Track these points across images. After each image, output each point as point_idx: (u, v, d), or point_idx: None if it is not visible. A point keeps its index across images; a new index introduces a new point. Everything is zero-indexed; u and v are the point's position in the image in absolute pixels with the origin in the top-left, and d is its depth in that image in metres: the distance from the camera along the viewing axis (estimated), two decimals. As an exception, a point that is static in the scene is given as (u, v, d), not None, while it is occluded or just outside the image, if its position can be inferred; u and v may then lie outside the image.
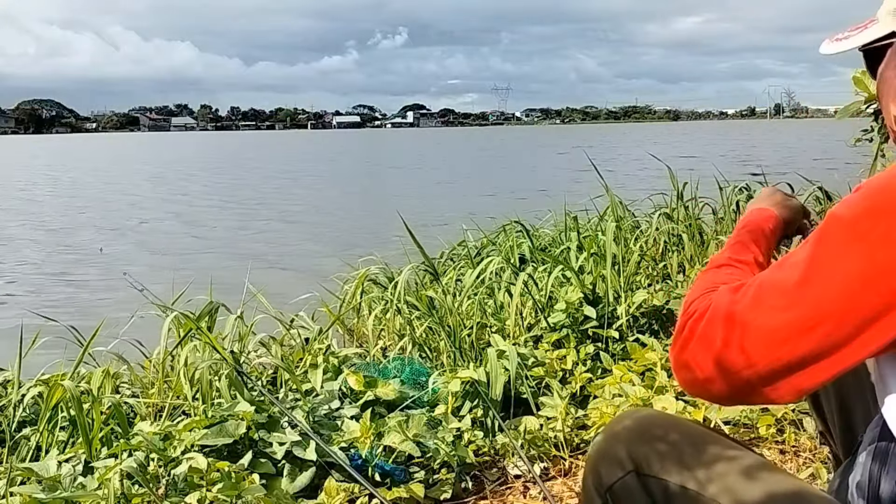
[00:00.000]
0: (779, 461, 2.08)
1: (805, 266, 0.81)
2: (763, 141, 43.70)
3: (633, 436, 1.08)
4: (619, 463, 1.07)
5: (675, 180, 5.08)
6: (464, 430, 2.27)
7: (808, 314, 0.79)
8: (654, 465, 1.03)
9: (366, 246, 5.88)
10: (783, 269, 0.84)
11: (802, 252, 0.83)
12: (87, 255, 10.53)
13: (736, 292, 0.87)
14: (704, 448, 1.01)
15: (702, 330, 0.88)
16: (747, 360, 0.83)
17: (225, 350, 2.40)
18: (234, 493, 1.77)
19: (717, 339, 0.85)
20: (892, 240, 0.76)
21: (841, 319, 0.78)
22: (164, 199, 19.07)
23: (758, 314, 0.83)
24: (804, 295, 0.80)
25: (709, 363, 0.86)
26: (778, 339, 0.81)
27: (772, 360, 0.82)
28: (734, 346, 0.84)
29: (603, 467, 1.09)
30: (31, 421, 2.43)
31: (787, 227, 1.24)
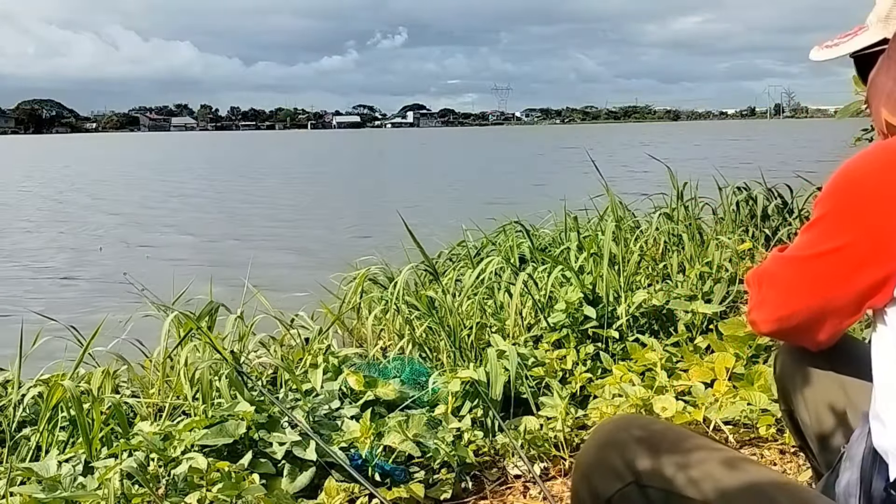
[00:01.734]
0: (778, 461, 2.08)
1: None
2: (765, 145, 43.71)
3: (630, 444, 1.07)
4: (617, 473, 1.05)
5: (675, 180, 5.09)
6: (464, 430, 2.27)
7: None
8: (656, 475, 1.02)
9: (365, 246, 5.88)
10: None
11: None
12: (87, 255, 10.53)
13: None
14: (701, 454, 1.02)
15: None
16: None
17: (225, 350, 2.40)
18: (234, 493, 1.77)
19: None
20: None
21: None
22: (164, 200, 19.06)
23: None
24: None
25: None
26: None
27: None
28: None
29: (598, 478, 1.08)
30: (31, 421, 2.43)
31: None
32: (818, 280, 1.00)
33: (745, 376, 2.46)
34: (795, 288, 1.04)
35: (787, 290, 1.06)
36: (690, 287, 3.42)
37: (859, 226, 0.92)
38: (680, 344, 2.80)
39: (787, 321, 1.08)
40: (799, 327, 1.08)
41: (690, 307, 2.92)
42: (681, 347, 2.75)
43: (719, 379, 2.38)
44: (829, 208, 0.97)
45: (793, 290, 1.05)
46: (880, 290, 0.93)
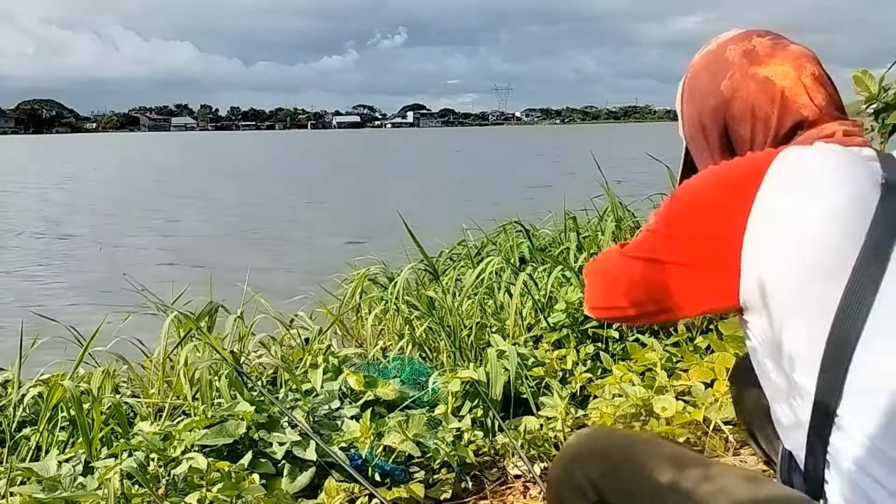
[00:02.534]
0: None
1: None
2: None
3: (592, 461, 1.07)
4: (582, 492, 1.05)
5: (675, 180, 5.07)
6: (464, 430, 2.28)
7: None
8: (617, 493, 1.02)
9: (365, 245, 5.88)
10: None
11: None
12: (87, 255, 10.53)
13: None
14: (664, 465, 1.00)
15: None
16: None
17: (225, 350, 2.40)
18: (234, 493, 1.77)
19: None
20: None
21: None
22: (164, 199, 19.06)
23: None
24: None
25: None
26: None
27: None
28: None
29: (566, 495, 1.08)
30: (31, 421, 2.43)
31: None
32: (651, 284, 1.01)
33: (745, 376, 2.47)
34: (629, 286, 1.05)
35: (621, 285, 1.07)
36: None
37: (695, 241, 0.95)
38: (680, 344, 2.80)
39: (621, 311, 1.09)
40: (633, 318, 1.08)
41: (690, 307, 2.91)
42: (681, 347, 2.75)
43: (719, 379, 2.38)
44: (669, 216, 0.99)
45: (627, 287, 1.06)
46: (716, 302, 0.96)
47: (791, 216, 0.87)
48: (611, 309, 1.11)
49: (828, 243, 0.85)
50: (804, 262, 0.85)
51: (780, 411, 0.93)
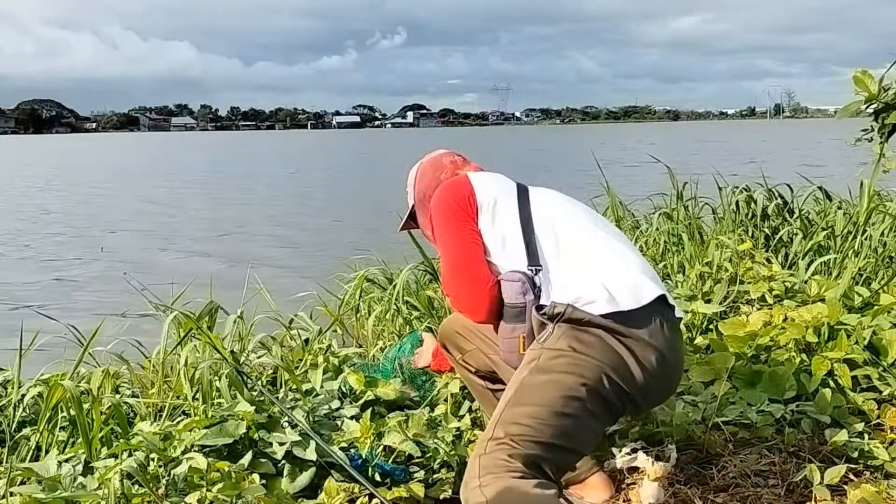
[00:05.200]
0: (777, 461, 2.08)
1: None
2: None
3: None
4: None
5: (675, 180, 5.08)
6: (463, 430, 2.28)
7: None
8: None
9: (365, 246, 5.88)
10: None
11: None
12: (87, 255, 10.53)
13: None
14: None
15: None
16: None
17: (225, 350, 2.39)
18: (234, 493, 1.77)
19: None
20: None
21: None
22: (165, 200, 19.06)
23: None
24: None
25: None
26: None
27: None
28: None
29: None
30: (31, 421, 2.42)
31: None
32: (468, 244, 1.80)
33: (745, 376, 2.47)
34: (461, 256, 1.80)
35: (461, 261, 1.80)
36: (690, 287, 3.42)
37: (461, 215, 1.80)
38: (680, 344, 2.79)
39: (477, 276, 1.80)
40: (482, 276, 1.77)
41: (690, 307, 2.92)
42: (681, 347, 2.75)
43: (719, 379, 2.38)
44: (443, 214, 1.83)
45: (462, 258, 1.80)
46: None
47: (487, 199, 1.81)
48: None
49: (506, 201, 1.80)
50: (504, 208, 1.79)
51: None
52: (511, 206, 1.77)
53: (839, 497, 1.86)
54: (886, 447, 2.04)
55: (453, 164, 2.04)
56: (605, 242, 1.73)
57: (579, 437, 1.54)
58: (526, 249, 1.70)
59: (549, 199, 1.84)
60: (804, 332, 2.56)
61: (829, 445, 2.08)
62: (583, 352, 1.55)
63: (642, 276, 1.65)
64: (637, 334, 1.57)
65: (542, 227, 1.73)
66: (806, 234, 4.07)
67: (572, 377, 1.53)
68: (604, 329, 1.56)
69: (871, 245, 3.64)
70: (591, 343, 1.56)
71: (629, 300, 1.59)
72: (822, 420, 2.20)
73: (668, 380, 1.67)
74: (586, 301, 1.58)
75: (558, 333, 1.59)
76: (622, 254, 1.71)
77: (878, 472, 1.99)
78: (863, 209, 3.87)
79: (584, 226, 1.76)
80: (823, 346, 2.54)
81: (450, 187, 1.86)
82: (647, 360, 1.57)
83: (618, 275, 1.63)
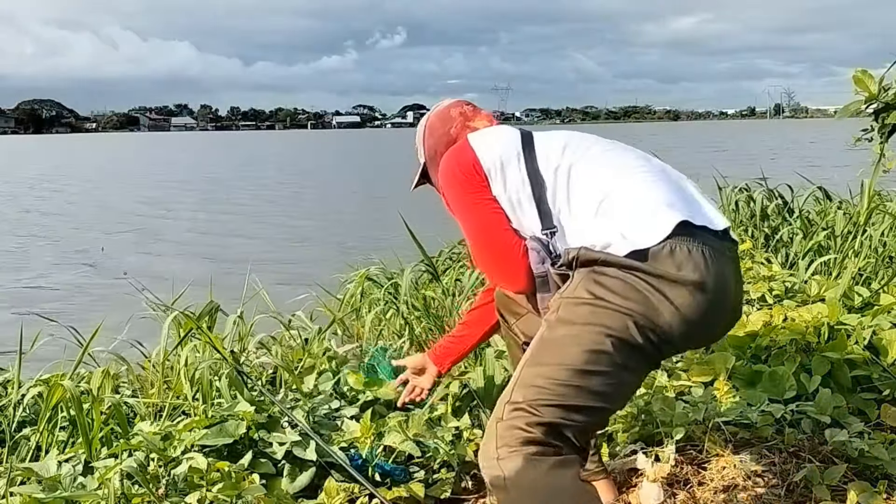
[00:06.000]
0: (777, 461, 2.08)
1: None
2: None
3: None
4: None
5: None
6: (463, 429, 2.28)
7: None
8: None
9: (366, 245, 5.88)
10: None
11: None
12: (87, 255, 10.54)
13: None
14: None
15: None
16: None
17: (225, 350, 2.40)
18: (234, 493, 1.77)
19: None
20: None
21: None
22: (165, 200, 19.07)
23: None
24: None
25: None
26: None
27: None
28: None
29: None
30: (31, 421, 2.42)
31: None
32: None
33: (744, 376, 2.47)
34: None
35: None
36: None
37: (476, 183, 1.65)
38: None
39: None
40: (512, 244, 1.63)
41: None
42: (681, 347, 2.75)
43: (719, 379, 2.38)
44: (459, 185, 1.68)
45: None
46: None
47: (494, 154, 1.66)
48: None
49: (511, 160, 1.62)
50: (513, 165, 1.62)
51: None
52: (518, 165, 1.60)
53: (839, 497, 1.86)
54: (886, 447, 2.04)
55: (463, 116, 1.87)
56: (623, 176, 1.52)
57: (609, 394, 1.38)
58: (538, 211, 1.56)
59: (558, 146, 1.62)
60: (804, 332, 2.56)
61: (829, 445, 2.08)
62: (604, 297, 1.37)
63: (662, 206, 1.43)
64: (662, 271, 1.36)
65: (551, 181, 1.56)
66: (806, 234, 4.07)
67: (595, 329, 1.35)
68: (624, 269, 1.37)
69: (871, 245, 3.64)
70: (612, 287, 1.37)
71: (646, 236, 1.38)
72: (822, 420, 2.20)
73: (715, 313, 1.42)
74: (602, 245, 1.41)
75: (577, 280, 1.43)
76: (641, 185, 1.49)
77: (878, 472, 1.99)
78: (863, 209, 3.87)
79: (598, 167, 1.55)
80: (823, 346, 2.54)
81: (453, 157, 1.71)
82: (681, 297, 1.35)
83: (635, 210, 1.44)
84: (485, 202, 1.63)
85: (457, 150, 1.71)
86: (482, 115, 1.90)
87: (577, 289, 1.41)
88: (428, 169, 1.90)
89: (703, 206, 1.50)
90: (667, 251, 1.37)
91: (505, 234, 1.61)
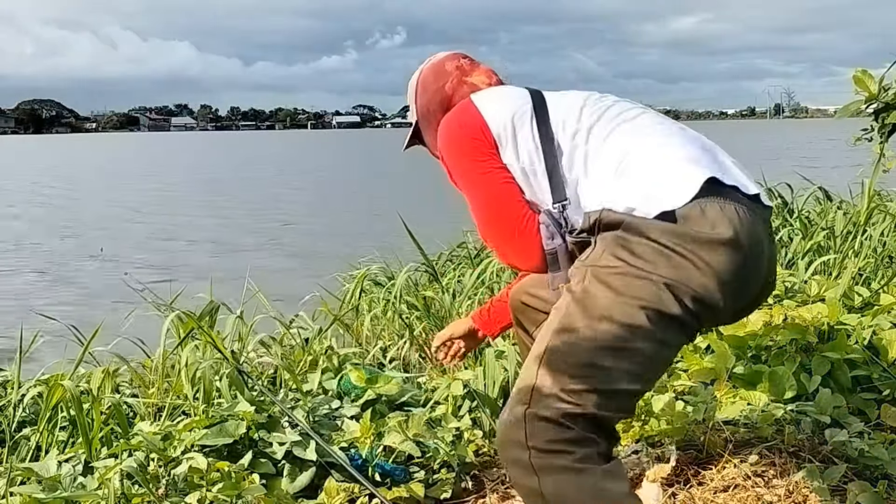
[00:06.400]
0: (777, 461, 2.08)
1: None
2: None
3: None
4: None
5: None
6: (463, 430, 2.28)
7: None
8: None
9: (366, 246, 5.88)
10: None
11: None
12: (87, 255, 10.54)
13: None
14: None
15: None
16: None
17: (225, 349, 2.40)
18: (234, 493, 1.77)
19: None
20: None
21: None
22: (165, 201, 19.07)
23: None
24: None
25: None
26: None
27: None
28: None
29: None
30: (31, 421, 2.42)
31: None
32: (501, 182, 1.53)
33: (745, 376, 2.47)
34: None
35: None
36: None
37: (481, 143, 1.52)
38: (680, 344, 2.79)
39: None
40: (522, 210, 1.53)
41: (690, 307, 2.91)
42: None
43: (719, 379, 2.38)
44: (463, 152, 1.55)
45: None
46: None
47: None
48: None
49: (524, 125, 1.49)
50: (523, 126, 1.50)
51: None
52: (530, 131, 1.46)
53: (839, 497, 1.86)
54: (886, 447, 2.04)
55: (459, 70, 1.72)
56: (644, 136, 1.41)
57: (644, 374, 1.27)
58: (549, 181, 1.44)
59: (573, 108, 1.49)
60: (804, 332, 2.56)
61: (829, 445, 2.08)
62: (635, 264, 1.24)
63: (688, 163, 1.32)
64: (694, 232, 1.24)
65: (567, 147, 1.44)
66: (806, 233, 4.07)
67: (628, 301, 1.22)
68: (651, 232, 1.25)
69: (871, 245, 3.65)
70: (641, 252, 1.24)
71: (675, 195, 1.27)
72: (822, 420, 2.20)
73: (750, 275, 1.31)
74: (625, 208, 1.29)
75: (602, 246, 1.29)
76: (664, 145, 1.39)
77: (878, 472, 1.99)
78: (863, 209, 3.87)
79: (618, 128, 1.44)
80: (823, 346, 2.54)
81: (456, 119, 1.55)
82: (717, 257, 1.24)
83: (660, 167, 1.33)
84: (494, 171, 1.48)
85: (460, 112, 1.56)
86: (481, 70, 1.74)
87: (603, 256, 1.28)
88: (421, 128, 1.77)
89: (732, 168, 1.38)
90: (698, 211, 1.25)
91: (518, 206, 1.48)
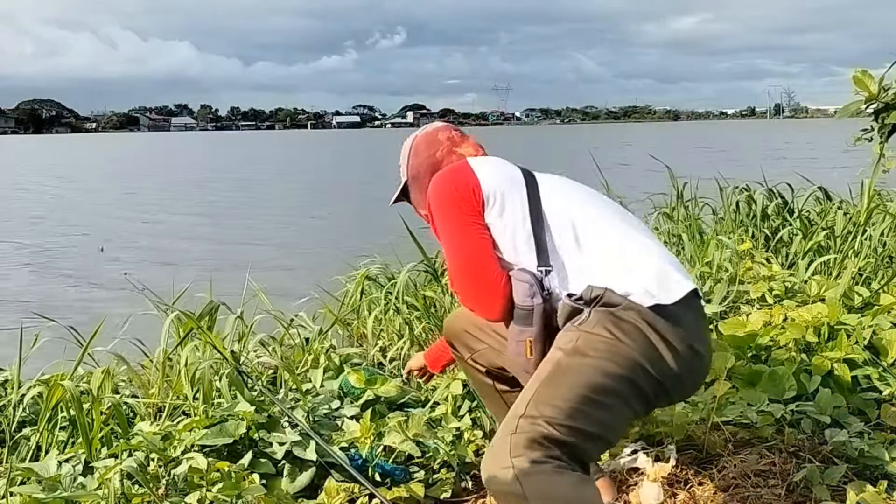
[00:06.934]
0: (777, 461, 2.08)
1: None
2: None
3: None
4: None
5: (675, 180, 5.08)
6: (463, 430, 2.28)
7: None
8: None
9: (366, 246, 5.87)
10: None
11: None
12: (87, 255, 10.53)
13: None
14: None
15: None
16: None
17: (225, 350, 2.39)
18: (234, 493, 1.77)
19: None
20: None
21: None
22: (165, 201, 19.06)
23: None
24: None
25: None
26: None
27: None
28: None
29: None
30: (31, 421, 2.42)
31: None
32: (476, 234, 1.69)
33: (745, 376, 2.46)
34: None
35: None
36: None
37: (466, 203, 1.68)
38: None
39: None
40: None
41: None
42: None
43: (719, 379, 2.38)
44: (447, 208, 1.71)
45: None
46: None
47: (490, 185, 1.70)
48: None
49: (513, 193, 1.68)
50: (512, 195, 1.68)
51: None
52: (520, 199, 1.66)
53: (839, 497, 1.86)
54: (886, 447, 2.04)
55: (450, 141, 1.92)
56: (629, 235, 1.64)
57: (614, 427, 1.49)
58: (536, 247, 1.62)
59: (560, 189, 1.73)
60: (804, 332, 2.56)
61: (829, 445, 2.08)
62: (621, 339, 1.48)
63: (672, 270, 1.58)
64: (673, 328, 1.50)
65: (556, 221, 1.64)
66: (806, 234, 4.07)
67: (612, 364, 1.46)
68: (641, 318, 1.49)
69: (871, 245, 3.64)
70: (628, 331, 1.49)
71: (664, 294, 1.52)
72: (822, 420, 2.20)
73: (700, 373, 1.62)
74: (623, 292, 1.52)
75: (595, 318, 1.51)
76: (649, 247, 1.63)
77: (878, 472, 1.99)
78: (863, 209, 3.87)
79: (604, 219, 1.67)
80: (823, 346, 2.54)
81: (450, 175, 1.73)
82: (683, 353, 1.51)
83: (650, 268, 1.56)
84: (475, 226, 1.66)
85: (455, 171, 1.74)
86: (469, 143, 1.94)
87: (597, 326, 1.50)
88: (410, 188, 1.94)
89: (684, 269, 1.67)
90: (680, 311, 1.52)
91: (489, 261, 1.64)
